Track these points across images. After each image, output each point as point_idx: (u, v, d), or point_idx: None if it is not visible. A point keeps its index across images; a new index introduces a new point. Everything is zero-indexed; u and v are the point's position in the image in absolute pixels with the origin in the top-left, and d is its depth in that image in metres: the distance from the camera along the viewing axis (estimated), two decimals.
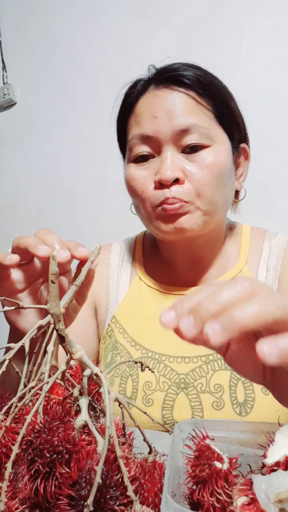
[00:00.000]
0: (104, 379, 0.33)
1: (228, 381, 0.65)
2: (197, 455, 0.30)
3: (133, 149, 0.67)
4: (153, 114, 0.65)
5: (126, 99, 0.71)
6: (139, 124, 0.66)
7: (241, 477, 0.30)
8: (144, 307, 0.74)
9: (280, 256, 0.71)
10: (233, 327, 0.30)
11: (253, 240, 0.76)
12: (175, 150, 0.64)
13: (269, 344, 0.30)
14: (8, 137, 1.77)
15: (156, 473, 0.33)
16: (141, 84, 0.69)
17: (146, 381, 0.67)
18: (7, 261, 0.46)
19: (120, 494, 0.28)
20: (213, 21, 1.27)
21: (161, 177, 0.63)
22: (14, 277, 0.49)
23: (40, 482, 0.28)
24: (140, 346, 0.71)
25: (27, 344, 0.39)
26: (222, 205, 0.68)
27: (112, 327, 0.76)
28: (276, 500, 0.26)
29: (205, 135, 0.64)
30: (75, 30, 1.55)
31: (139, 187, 0.67)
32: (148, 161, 0.67)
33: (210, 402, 0.64)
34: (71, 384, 0.43)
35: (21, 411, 0.36)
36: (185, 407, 0.65)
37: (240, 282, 0.33)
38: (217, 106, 0.66)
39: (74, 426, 0.32)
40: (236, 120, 0.70)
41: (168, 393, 0.66)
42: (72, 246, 0.47)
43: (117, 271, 0.80)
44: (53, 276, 0.32)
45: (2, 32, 1.72)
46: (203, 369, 0.66)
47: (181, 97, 0.64)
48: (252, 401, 0.63)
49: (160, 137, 0.64)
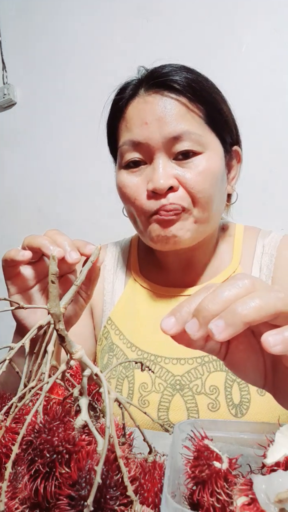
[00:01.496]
0: (104, 379, 0.33)
1: (223, 383, 0.64)
2: (196, 455, 0.30)
3: (124, 155, 0.66)
4: (144, 120, 0.63)
5: (116, 104, 0.70)
6: (129, 130, 0.66)
7: (241, 477, 0.30)
8: (139, 308, 0.74)
9: (273, 255, 0.71)
10: (237, 322, 0.30)
11: (246, 239, 0.75)
12: (166, 158, 0.64)
13: (274, 334, 0.30)
14: (8, 137, 1.77)
15: (156, 473, 0.33)
16: (130, 88, 0.68)
17: (142, 383, 0.68)
18: (19, 257, 0.48)
19: (120, 494, 0.28)
20: (213, 21, 1.27)
21: (154, 186, 0.62)
22: (25, 274, 0.51)
23: (40, 482, 0.28)
24: (136, 348, 0.71)
25: (27, 344, 0.39)
26: (215, 212, 0.67)
27: (108, 328, 0.76)
28: (276, 500, 0.26)
29: (197, 141, 0.63)
30: (75, 30, 1.55)
31: (132, 194, 0.66)
32: (139, 167, 0.66)
33: (206, 404, 0.64)
34: (71, 384, 0.43)
35: (21, 411, 0.36)
36: (181, 408, 0.65)
37: (239, 279, 0.33)
38: (209, 111, 0.65)
39: (74, 426, 0.32)
40: (228, 124, 0.69)
41: (163, 394, 0.66)
42: (81, 244, 0.48)
43: (112, 273, 0.80)
44: (53, 276, 0.32)
45: (2, 32, 1.72)
46: (199, 371, 0.66)
47: (172, 103, 0.63)
48: (247, 402, 0.63)
49: (152, 144, 0.63)
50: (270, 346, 0.30)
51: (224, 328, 0.30)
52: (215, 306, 0.31)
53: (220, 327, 0.30)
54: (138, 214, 0.67)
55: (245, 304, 0.31)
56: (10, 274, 0.50)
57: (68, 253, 0.46)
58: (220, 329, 0.30)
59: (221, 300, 0.32)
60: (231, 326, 0.30)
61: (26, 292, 0.52)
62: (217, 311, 0.31)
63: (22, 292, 0.52)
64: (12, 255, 0.48)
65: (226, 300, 0.32)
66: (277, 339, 0.30)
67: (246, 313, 0.30)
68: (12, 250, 0.49)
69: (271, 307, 0.31)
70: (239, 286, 0.32)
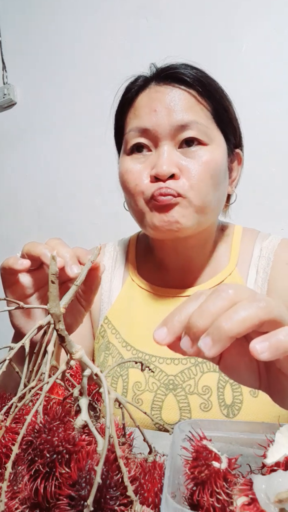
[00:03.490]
0: (104, 379, 0.33)
1: (216, 383, 0.65)
2: (195, 456, 0.30)
3: (130, 141, 0.67)
4: (153, 108, 0.64)
5: (126, 94, 0.71)
6: (138, 117, 0.66)
7: (241, 477, 0.30)
8: (136, 308, 0.75)
9: (271, 259, 0.70)
10: (223, 337, 0.31)
11: (244, 241, 0.75)
12: (172, 146, 0.64)
13: (260, 341, 0.31)
14: (8, 137, 1.77)
15: (156, 473, 0.33)
16: (142, 80, 0.69)
17: (136, 382, 0.68)
18: (18, 265, 0.47)
19: (120, 494, 0.28)
20: (213, 21, 1.27)
21: (157, 171, 0.62)
22: (23, 282, 0.50)
23: (40, 482, 0.28)
24: (131, 347, 0.71)
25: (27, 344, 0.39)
26: (215, 206, 0.67)
27: (104, 327, 0.76)
28: (276, 500, 0.26)
29: (203, 132, 0.64)
30: (75, 30, 1.55)
31: (133, 180, 0.66)
32: (143, 153, 0.66)
33: (198, 404, 0.65)
34: (71, 384, 0.43)
35: (21, 411, 0.36)
36: (174, 408, 0.66)
37: (222, 290, 0.34)
38: (216, 107, 0.66)
39: (74, 426, 0.32)
40: (233, 124, 0.70)
41: (157, 393, 0.67)
42: (82, 254, 0.48)
43: (110, 272, 0.80)
44: (53, 276, 0.32)
45: (2, 32, 1.72)
46: (192, 371, 0.67)
47: (182, 94, 0.65)
48: (240, 403, 0.63)
49: (159, 131, 0.64)
50: (258, 354, 0.31)
51: (212, 345, 0.31)
52: (203, 322, 0.32)
53: (208, 344, 0.31)
54: (138, 200, 0.66)
55: (229, 318, 0.31)
56: (9, 282, 0.50)
57: (69, 266, 0.46)
58: (208, 346, 0.31)
59: (208, 315, 0.33)
60: (218, 342, 0.31)
61: (25, 300, 0.51)
62: (205, 326, 0.32)
63: (21, 300, 0.51)
64: (10, 263, 0.48)
65: (212, 315, 0.32)
66: (264, 346, 0.31)
67: (231, 327, 0.31)
68: (10, 258, 0.48)
69: (254, 318, 0.31)
70: (223, 297, 0.33)
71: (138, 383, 0.68)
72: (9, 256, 0.49)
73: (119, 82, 0.72)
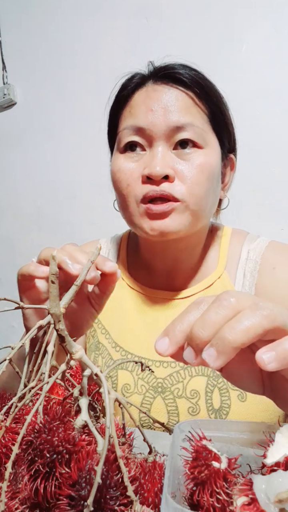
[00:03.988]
0: (104, 379, 0.33)
1: (204, 387, 0.64)
2: (195, 456, 0.30)
3: (124, 139, 0.65)
4: (149, 107, 0.63)
5: (122, 91, 0.69)
6: (133, 116, 0.65)
7: (241, 477, 0.30)
8: (125, 308, 0.74)
9: (258, 262, 0.69)
10: (227, 349, 0.31)
11: (232, 243, 0.73)
12: (167, 147, 0.63)
13: (267, 352, 0.30)
14: (8, 137, 1.77)
15: (156, 473, 0.33)
16: (138, 77, 0.68)
17: (125, 384, 0.68)
18: (39, 273, 0.48)
19: (120, 494, 0.28)
20: (213, 21, 1.27)
21: (150, 172, 0.60)
22: (39, 287, 0.51)
23: (40, 482, 0.28)
24: (120, 348, 0.71)
25: (27, 344, 0.39)
26: (209, 210, 0.66)
27: (95, 327, 0.75)
28: (276, 500, 0.26)
29: (199, 135, 0.63)
30: (75, 30, 1.55)
31: (125, 179, 0.64)
32: (137, 152, 0.65)
33: (186, 407, 0.64)
34: (71, 384, 0.43)
35: (21, 411, 0.36)
36: (162, 411, 0.66)
37: (224, 299, 0.33)
38: (213, 110, 0.66)
39: (74, 426, 0.32)
40: (228, 128, 0.69)
41: (145, 396, 0.66)
42: (100, 261, 0.49)
43: None
44: (53, 276, 0.32)
45: (2, 32, 1.72)
46: (181, 374, 0.66)
47: (180, 94, 0.64)
48: (227, 408, 0.63)
49: (154, 131, 0.62)
50: (265, 364, 0.30)
51: (217, 356, 0.31)
52: (206, 332, 0.32)
53: (213, 356, 0.31)
54: (129, 200, 0.64)
55: (233, 328, 0.31)
56: (25, 287, 0.50)
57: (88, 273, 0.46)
58: (213, 358, 0.31)
59: (210, 325, 0.32)
60: (223, 353, 0.31)
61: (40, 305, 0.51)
62: (209, 337, 0.32)
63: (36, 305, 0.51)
64: (31, 270, 0.48)
65: (215, 325, 0.32)
66: (271, 356, 0.30)
67: (235, 338, 0.31)
68: (31, 265, 0.48)
69: (258, 328, 0.31)
70: (226, 306, 0.33)
71: (127, 385, 0.68)
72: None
73: (119, 82, 0.71)
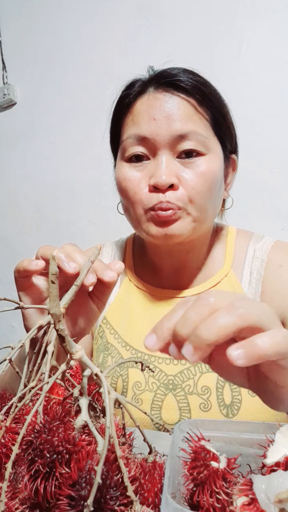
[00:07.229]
0: (104, 379, 0.33)
1: (215, 383, 0.65)
2: (194, 457, 0.30)
3: (128, 149, 0.66)
4: (152, 116, 0.64)
5: (123, 99, 0.70)
6: (136, 124, 0.66)
7: (241, 477, 0.30)
8: (133, 308, 0.75)
9: (264, 260, 0.71)
10: (202, 345, 0.32)
11: (238, 243, 0.75)
12: (170, 155, 0.64)
13: (236, 349, 0.32)
14: (8, 137, 1.77)
15: (156, 473, 0.33)
16: (139, 85, 0.68)
17: (136, 381, 0.68)
18: (33, 266, 0.48)
19: (120, 494, 0.28)
20: (213, 21, 1.27)
21: (156, 182, 0.62)
22: (39, 285, 0.51)
23: (40, 482, 0.28)
24: (130, 347, 0.72)
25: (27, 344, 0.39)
26: (211, 213, 0.68)
27: (103, 328, 0.76)
28: (276, 500, 0.26)
29: (201, 142, 0.64)
30: (75, 30, 1.55)
31: (132, 188, 0.66)
32: (141, 162, 0.66)
33: (198, 404, 0.65)
34: (71, 384, 0.43)
35: (21, 411, 0.36)
36: (173, 407, 0.66)
37: (204, 299, 0.35)
38: (214, 115, 0.66)
39: (74, 426, 0.32)
40: (230, 130, 0.70)
41: (156, 393, 0.67)
42: (100, 268, 0.48)
43: None
44: (53, 276, 0.32)
45: (2, 32, 1.72)
46: (191, 371, 0.67)
47: (181, 102, 0.64)
48: (239, 403, 0.64)
49: (158, 140, 0.63)
50: (234, 360, 0.31)
51: (193, 352, 0.33)
52: (185, 330, 0.34)
53: (190, 352, 0.33)
54: (137, 207, 0.66)
55: (207, 327, 0.32)
56: (23, 286, 0.50)
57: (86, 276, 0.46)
58: (190, 353, 0.33)
59: (189, 323, 0.34)
60: (198, 349, 0.32)
61: (40, 304, 0.51)
62: (187, 334, 0.33)
63: (36, 304, 0.51)
64: (25, 265, 0.48)
65: (193, 323, 0.34)
66: (240, 353, 0.31)
67: (208, 335, 0.32)
68: (25, 260, 0.48)
69: (231, 326, 0.32)
70: (204, 305, 0.34)
71: (138, 383, 0.68)
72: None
73: (119, 83, 0.71)
